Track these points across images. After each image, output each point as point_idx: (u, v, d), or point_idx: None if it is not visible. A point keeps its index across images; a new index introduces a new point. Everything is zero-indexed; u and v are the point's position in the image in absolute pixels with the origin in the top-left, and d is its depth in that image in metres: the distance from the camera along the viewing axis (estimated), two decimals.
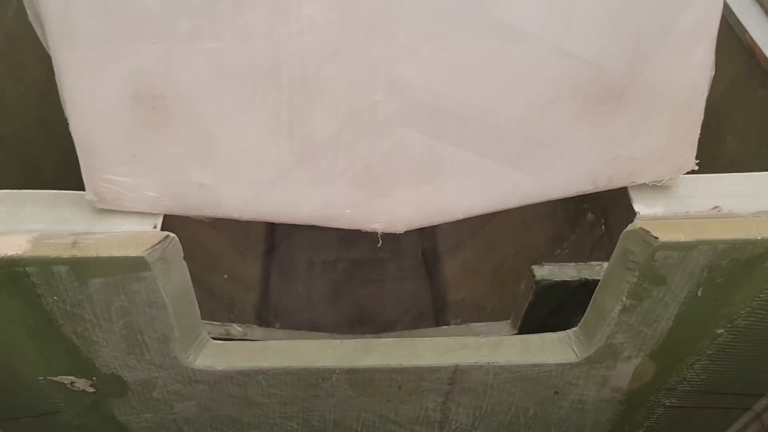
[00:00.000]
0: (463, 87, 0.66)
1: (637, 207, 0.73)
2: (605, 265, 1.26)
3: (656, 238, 0.70)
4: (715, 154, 1.15)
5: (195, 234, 1.85)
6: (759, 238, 0.69)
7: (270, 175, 0.69)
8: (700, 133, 0.72)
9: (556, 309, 1.29)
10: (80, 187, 0.72)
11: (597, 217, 1.53)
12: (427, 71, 0.65)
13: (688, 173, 0.74)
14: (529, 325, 1.28)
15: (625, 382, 0.90)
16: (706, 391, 0.94)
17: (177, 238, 0.70)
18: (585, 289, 1.22)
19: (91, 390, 0.84)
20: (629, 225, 0.73)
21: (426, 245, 2.06)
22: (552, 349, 0.86)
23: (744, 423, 1.01)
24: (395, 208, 0.72)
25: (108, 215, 0.70)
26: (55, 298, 0.70)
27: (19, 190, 0.72)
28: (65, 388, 0.84)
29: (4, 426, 0.91)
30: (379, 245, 0.77)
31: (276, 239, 2.09)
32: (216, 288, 1.74)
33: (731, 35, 1.13)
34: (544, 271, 1.16)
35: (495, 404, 0.93)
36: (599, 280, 1.22)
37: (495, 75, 0.65)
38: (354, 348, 0.85)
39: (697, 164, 0.72)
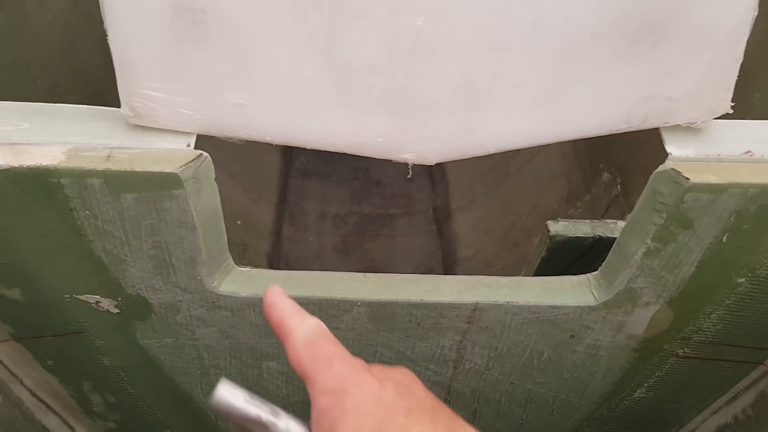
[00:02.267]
0: (505, 15, 0.65)
1: (669, 148, 0.73)
2: (620, 223, 1.27)
3: (687, 179, 0.70)
4: (741, 111, 1.14)
5: None
6: None
7: (305, 99, 0.69)
8: None
9: (568, 266, 1.30)
10: None
11: (613, 176, 1.53)
12: None
13: (721, 118, 0.74)
14: None
15: (641, 329, 0.91)
16: (721, 343, 0.95)
17: (210, 158, 0.70)
18: (598, 246, 1.23)
19: (116, 311, 0.85)
20: (660, 166, 0.73)
21: (438, 202, 2.07)
22: (571, 291, 0.87)
23: (755, 378, 1.02)
24: (428, 139, 0.72)
25: (142, 132, 0.70)
26: (87, 212, 0.71)
27: (53, 104, 0.72)
28: (90, 307, 0.85)
29: (26, 344, 0.93)
30: (408, 177, 0.77)
31: (288, 189, 2.10)
32: (229, 233, 1.75)
33: None
34: (559, 227, 1.17)
35: (511, 345, 0.94)
36: (613, 238, 1.23)
37: (538, 3, 0.65)
38: (376, 282, 0.85)
39: (732, 108, 0.72)
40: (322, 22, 0.65)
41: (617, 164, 1.52)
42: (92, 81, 1.29)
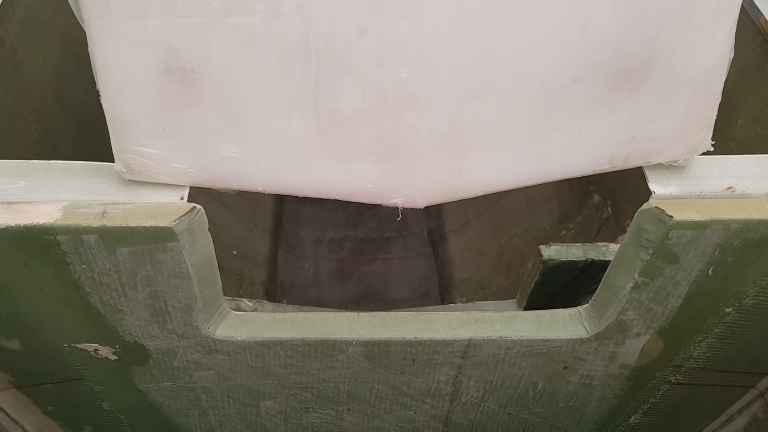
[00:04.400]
0: (486, 65, 0.67)
1: (652, 186, 0.75)
2: (611, 246, 1.28)
3: (671, 217, 0.71)
4: (726, 137, 1.16)
5: (204, 210, 1.86)
6: None
7: (295, 150, 0.71)
8: None
9: (561, 289, 1.31)
10: (97, 161, 0.74)
11: (603, 198, 1.54)
12: (452, 49, 0.66)
13: (702, 154, 0.76)
14: (534, 305, 1.30)
15: (633, 358, 0.92)
16: (712, 369, 0.96)
17: (203, 210, 0.71)
18: (591, 269, 1.24)
19: (114, 358, 0.86)
20: (644, 204, 0.74)
21: (432, 224, 2.08)
22: (563, 324, 0.88)
23: (747, 401, 1.04)
24: (416, 184, 0.74)
25: (136, 186, 0.71)
26: (83, 266, 0.72)
27: (48, 161, 0.73)
28: (89, 355, 0.86)
29: (27, 392, 0.93)
30: (398, 219, 0.78)
31: (284, 216, 2.11)
32: (225, 263, 1.76)
33: (744, 18, 1.14)
34: (551, 251, 1.18)
35: (505, 378, 0.95)
36: (606, 261, 1.24)
37: (518, 53, 0.66)
38: (370, 321, 0.87)
39: (712, 145, 0.74)
40: (310, 77, 0.66)
41: (607, 186, 1.54)
42: (86, 124, 1.31)
